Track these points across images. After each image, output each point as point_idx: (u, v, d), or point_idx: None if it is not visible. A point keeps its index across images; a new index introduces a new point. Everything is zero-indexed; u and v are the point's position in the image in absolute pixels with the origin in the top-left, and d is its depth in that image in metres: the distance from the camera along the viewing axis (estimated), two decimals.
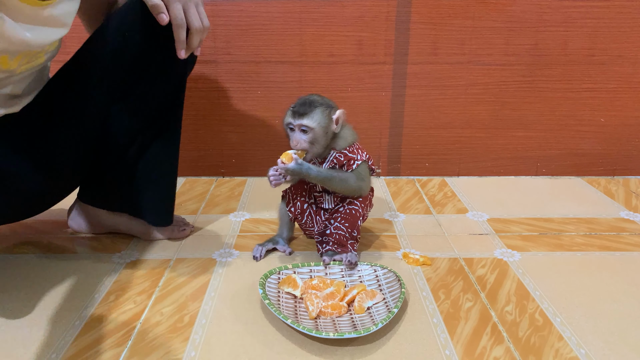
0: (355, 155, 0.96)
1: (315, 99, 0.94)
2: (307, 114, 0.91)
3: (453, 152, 1.51)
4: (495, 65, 1.42)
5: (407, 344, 0.75)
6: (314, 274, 0.92)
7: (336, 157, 0.96)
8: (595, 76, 1.44)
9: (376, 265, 0.94)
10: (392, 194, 1.38)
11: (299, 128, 0.92)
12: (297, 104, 0.93)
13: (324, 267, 0.93)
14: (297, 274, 0.90)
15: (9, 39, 0.72)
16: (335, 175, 0.94)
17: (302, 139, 0.92)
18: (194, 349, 0.75)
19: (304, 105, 0.92)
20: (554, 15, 1.38)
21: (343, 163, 0.96)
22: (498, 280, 0.94)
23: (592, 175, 1.53)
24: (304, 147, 0.92)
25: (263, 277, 0.87)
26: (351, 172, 0.96)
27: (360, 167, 0.96)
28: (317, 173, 0.92)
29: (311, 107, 0.92)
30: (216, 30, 1.38)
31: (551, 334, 0.78)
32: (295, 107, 0.93)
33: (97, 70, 0.91)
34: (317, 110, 0.92)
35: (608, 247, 1.07)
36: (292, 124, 0.93)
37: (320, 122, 0.92)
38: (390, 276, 0.90)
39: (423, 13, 1.38)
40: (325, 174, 0.93)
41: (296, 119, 0.92)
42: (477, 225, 1.18)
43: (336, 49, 1.40)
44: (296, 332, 0.78)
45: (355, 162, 0.96)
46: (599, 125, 1.49)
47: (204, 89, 1.43)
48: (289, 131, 0.95)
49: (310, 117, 0.91)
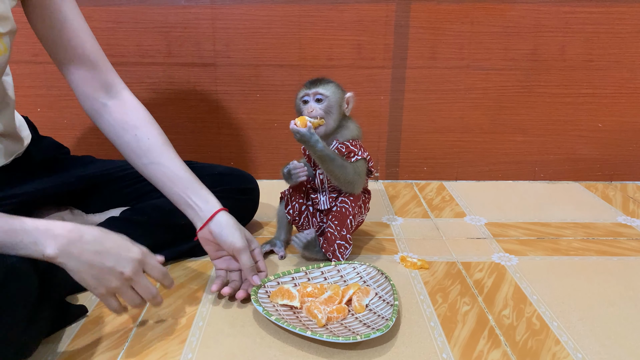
0: (357, 150, 0.98)
1: (327, 78, 0.99)
2: (320, 84, 0.96)
3: (451, 156, 1.51)
4: (493, 70, 1.43)
5: (405, 347, 0.75)
6: (297, 281, 0.90)
7: (338, 147, 0.97)
8: (593, 81, 1.44)
9: (354, 262, 0.94)
10: (390, 198, 1.38)
11: (314, 96, 0.96)
12: (311, 79, 0.98)
13: (304, 273, 0.92)
14: (281, 284, 0.88)
15: None
16: (337, 158, 0.94)
17: (317, 107, 0.95)
18: (191, 351, 0.75)
19: (318, 79, 0.97)
20: (553, 20, 1.39)
21: (344, 154, 0.97)
22: (495, 284, 0.94)
23: (589, 180, 1.53)
24: (319, 113, 0.94)
25: (253, 294, 0.83)
26: (349, 163, 0.97)
27: (359, 162, 0.97)
28: (323, 148, 0.92)
29: (325, 80, 0.98)
30: (216, 33, 1.38)
31: (548, 338, 0.78)
32: (309, 81, 0.98)
33: None
34: (331, 83, 0.98)
35: (605, 251, 1.07)
36: (307, 94, 0.96)
37: (335, 93, 0.96)
38: (372, 271, 0.91)
39: (422, 18, 1.38)
40: (328, 152, 0.93)
41: (311, 87, 0.96)
42: (475, 229, 1.18)
43: (335, 53, 1.41)
44: (293, 336, 0.77)
45: (355, 156, 0.97)
46: (597, 130, 1.49)
47: (202, 92, 1.44)
48: (302, 105, 0.97)
49: (325, 86, 0.96)
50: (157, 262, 0.75)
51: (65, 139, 1.45)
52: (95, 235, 0.69)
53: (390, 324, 0.74)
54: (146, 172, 0.90)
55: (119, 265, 0.69)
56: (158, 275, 0.75)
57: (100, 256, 0.68)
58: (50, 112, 1.43)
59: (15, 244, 0.65)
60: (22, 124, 0.99)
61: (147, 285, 0.73)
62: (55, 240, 0.66)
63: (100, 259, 0.68)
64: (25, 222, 0.67)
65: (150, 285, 0.74)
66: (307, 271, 0.93)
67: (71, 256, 0.67)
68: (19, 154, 0.95)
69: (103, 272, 0.68)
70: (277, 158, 1.47)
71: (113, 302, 0.72)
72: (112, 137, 0.91)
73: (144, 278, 0.73)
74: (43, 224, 0.67)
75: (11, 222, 0.66)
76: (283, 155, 0.98)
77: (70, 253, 0.67)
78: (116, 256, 0.69)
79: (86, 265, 0.68)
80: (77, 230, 0.68)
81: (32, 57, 1.37)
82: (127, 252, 0.71)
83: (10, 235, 0.65)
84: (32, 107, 1.42)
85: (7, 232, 0.65)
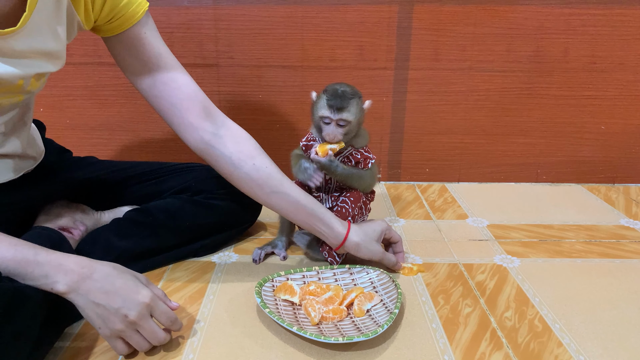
0: (369, 155, 0.99)
1: (347, 90, 0.92)
2: (345, 108, 0.91)
3: (453, 158, 1.51)
4: (496, 71, 1.43)
5: (406, 349, 0.75)
6: (307, 280, 0.92)
7: (352, 155, 0.97)
8: (596, 83, 1.44)
9: (368, 267, 0.94)
10: (392, 199, 1.38)
11: (337, 123, 0.92)
12: (332, 96, 0.91)
13: (316, 273, 0.93)
14: (290, 281, 0.89)
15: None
16: (355, 172, 0.97)
17: (338, 132, 0.92)
18: (192, 351, 0.74)
19: (341, 99, 0.91)
20: (555, 22, 1.39)
21: (359, 160, 0.97)
22: (497, 286, 0.93)
23: (592, 182, 1.53)
24: (339, 139, 0.93)
25: (258, 286, 0.86)
26: (365, 170, 0.98)
27: (373, 166, 1.00)
28: (342, 170, 0.94)
29: (348, 101, 0.91)
30: (218, 34, 1.38)
31: (550, 340, 0.78)
32: (330, 99, 0.91)
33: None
34: (353, 103, 0.92)
35: (608, 254, 1.07)
36: (329, 118, 0.92)
37: (357, 115, 0.93)
38: (384, 277, 0.90)
39: (424, 19, 1.38)
40: (347, 171, 0.95)
41: (335, 113, 0.91)
42: (477, 231, 1.18)
43: (337, 54, 1.41)
44: (295, 337, 0.77)
45: (370, 161, 0.98)
46: (600, 132, 1.49)
47: (205, 92, 1.43)
48: (322, 124, 0.93)
49: (349, 111, 0.91)
50: (166, 308, 0.72)
51: (68, 139, 1.45)
52: (107, 274, 0.68)
53: (380, 331, 0.74)
54: (270, 201, 0.90)
55: (124, 308, 0.67)
56: (166, 322, 0.72)
57: (108, 296, 0.67)
58: (54, 112, 1.43)
59: (26, 275, 0.65)
60: (37, 137, 0.98)
61: (153, 331, 0.70)
62: (66, 275, 0.66)
63: (107, 299, 0.67)
64: (39, 254, 0.66)
65: (158, 330, 0.71)
66: (319, 271, 0.93)
67: (80, 293, 0.66)
68: (29, 170, 0.94)
69: (109, 312, 0.67)
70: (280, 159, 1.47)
71: (118, 345, 0.70)
72: (229, 169, 0.88)
73: (151, 322, 0.70)
74: (56, 258, 0.67)
75: (25, 252, 0.66)
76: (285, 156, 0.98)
77: (80, 289, 0.66)
78: (124, 298, 0.67)
79: (93, 304, 0.66)
80: (90, 266, 0.68)
81: None
82: (135, 295, 0.68)
83: (22, 265, 0.64)
84: (35, 107, 1.42)
85: (19, 262, 0.64)
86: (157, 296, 0.71)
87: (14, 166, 0.89)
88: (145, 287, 0.70)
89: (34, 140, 0.97)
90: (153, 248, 0.96)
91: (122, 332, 0.68)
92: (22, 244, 0.66)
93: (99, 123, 1.44)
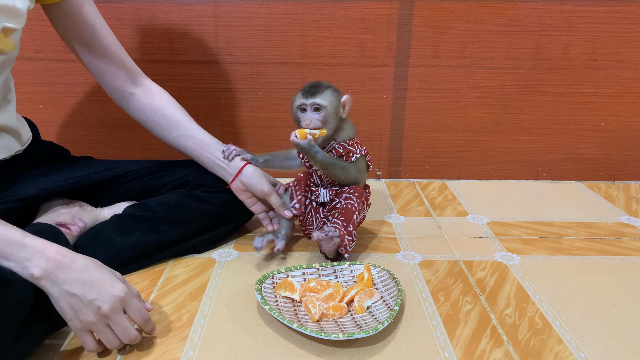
0: (355, 148, 0.98)
1: (323, 82, 0.97)
2: (319, 93, 0.94)
3: (454, 155, 1.51)
4: (496, 69, 1.43)
5: (406, 346, 0.75)
6: (308, 276, 0.92)
7: (335, 148, 0.98)
8: (597, 81, 1.44)
9: (369, 264, 0.93)
10: (392, 197, 1.38)
11: (312, 107, 0.94)
12: (307, 86, 0.96)
13: (316, 270, 0.93)
14: (291, 278, 0.89)
15: None
16: (338, 162, 0.97)
17: (314, 118, 0.94)
18: (192, 348, 0.74)
19: (314, 86, 0.95)
20: (556, 19, 1.38)
21: (342, 154, 0.98)
22: (498, 283, 0.93)
23: (592, 180, 1.53)
24: (317, 125, 0.94)
25: (258, 283, 0.86)
26: (350, 163, 0.98)
27: (359, 160, 0.99)
28: (323, 157, 0.94)
29: (322, 87, 0.95)
30: (218, 30, 1.38)
31: (551, 337, 0.78)
32: (305, 88, 0.96)
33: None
34: (327, 90, 0.95)
35: (608, 251, 1.07)
36: (304, 104, 0.95)
37: (332, 101, 0.95)
38: (384, 274, 0.90)
39: (425, 16, 1.38)
40: (329, 159, 0.96)
41: (309, 97, 0.94)
42: (477, 228, 1.18)
43: (338, 51, 1.40)
44: (295, 333, 0.77)
45: (354, 155, 0.98)
46: (600, 130, 1.49)
47: (205, 89, 1.43)
48: (299, 113, 0.96)
49: (322, 96, 0.94)
50: (140, 305, 0.71)
51: (67, 136, 1.45)
52: (86, 265, 0.68)
53: (380, 328, 0.74)
54: (177, 144, 1.05)
55: (98, 300, 0.66)
56: (138, 319, 0.71)
57: (84, 287, 0.66)
58: (52, 109, 1.42)
59: (10, 255, 0.65)
60: (22, 122, 1.01)
61: (125, 327, 0.69)
62: (46, 261, 0.66)
63: (83, 289, 0.66)
64: (26, 236, 0.67)
65: (130, 327, 0.69)
66: (319, 268, 0.93)
67: (55, 281, 0.66)
68: (19, 151, 0.96)
69: (82, 304, 0.66)
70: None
71: (88, 340, 0.69)
72: (142, 119, 1.04)
73: (123, 318, 0.69)
74: (41, 243, 0.67)
75: (14, 232, 0.67)
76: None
77: (56, 278, 0.66)
78: (99, 290, 0.67)
79: (68, 294, 0.66)
80: (70, 257, 0.68)
81: (33, 53, 1.37)
82: (111, 288, 0.68)
83: (8, 244, 0.65)
84: (33, 104, 1.42)
85: (5, 241, 0.66)
86: (132, 293, 0.71)
87: (4, 144, 0.92)
88: (121, 283, 0.70)
89: (21, 120, 1.00)
90: (153, 243, 0.96)
91: (93, 324, 0.67)
92: (11, 226, 0.67)
93: (99, 120, 1.44)
